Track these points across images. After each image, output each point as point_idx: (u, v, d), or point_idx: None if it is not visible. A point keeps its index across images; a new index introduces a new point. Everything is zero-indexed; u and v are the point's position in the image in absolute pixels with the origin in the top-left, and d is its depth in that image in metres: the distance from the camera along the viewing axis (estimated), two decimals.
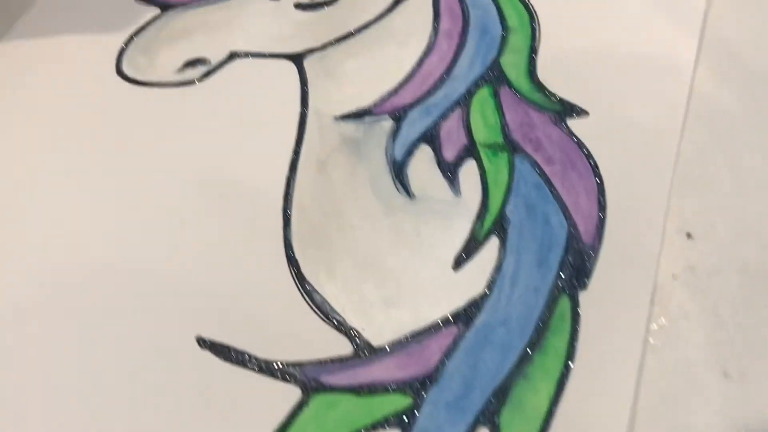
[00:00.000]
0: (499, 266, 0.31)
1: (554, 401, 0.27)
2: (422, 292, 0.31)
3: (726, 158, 0.35)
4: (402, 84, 0.38)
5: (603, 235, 0.32)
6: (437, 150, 0.35)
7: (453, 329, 0.29)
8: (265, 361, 0.29)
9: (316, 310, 0.30)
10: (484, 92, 0.37)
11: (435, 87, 0.38)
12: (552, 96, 0.37)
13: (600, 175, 0.34)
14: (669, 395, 0.28)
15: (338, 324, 0.30)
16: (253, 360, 0.29)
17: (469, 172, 0.35)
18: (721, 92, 0.37)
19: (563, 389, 0.28)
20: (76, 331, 0.30)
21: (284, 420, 0.27)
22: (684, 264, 0.32)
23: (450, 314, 0.30)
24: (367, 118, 0.37)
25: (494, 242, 0.32)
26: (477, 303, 0.30)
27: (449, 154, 0.35)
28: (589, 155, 0.35)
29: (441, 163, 0.35)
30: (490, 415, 0.27)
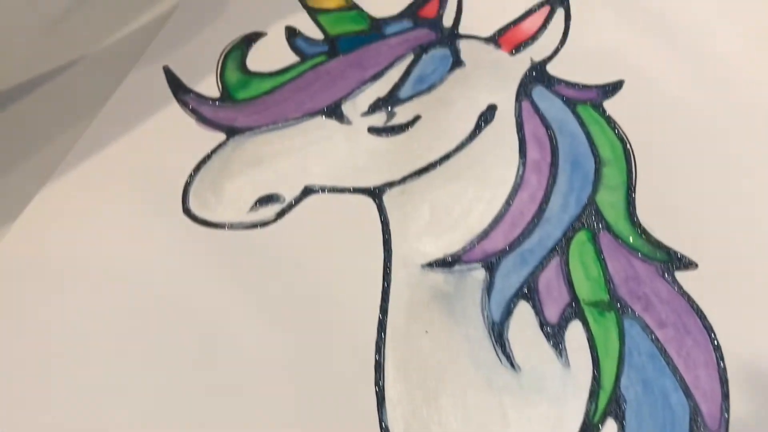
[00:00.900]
0: None
1: None
2: None
3: None
4: (492, 226, 0.35)
5: (729, 422, 0.29)
6: (538, 309, 0.33)
7: None
8: None
9: None
10: (582, 237, 0.35)
11: (528, 230, 0.35)
12: (656, 243, 0.34)
13: (717, 342, 0.31)
14: None
15: None
16: None
17: (575, 334, 0.32)
18: None
19: None
20: None
21: None
22: None
23: None
24: (457, 267, 0.34)
25: (611, 426, 0.29)
26: None
27: (552, 315, 0.32)
28: (703, 316, 0.32)
29: (544, 326, 0.32)
30: None
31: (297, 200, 0.37)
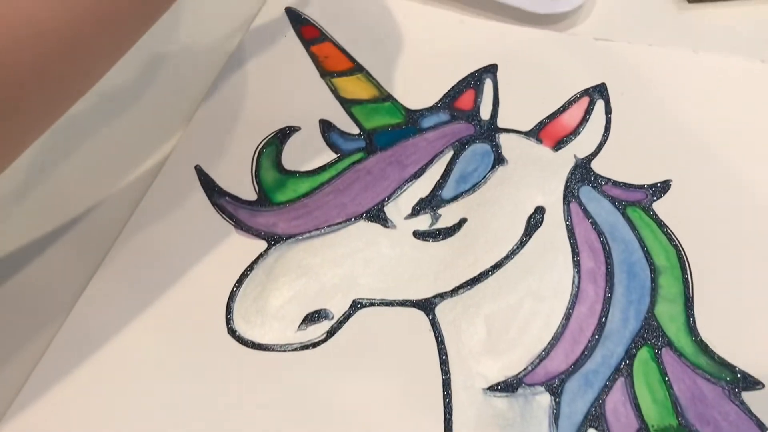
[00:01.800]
0: None
1: None
2: None
3: None
4: (552, 344, 0.34)
5: None
6: None
7: None
8: None
9: None
10: (645, 354, 0.34)
11: (589, 347, 0.34)
12: (720, 361, 0.33)
13: None
14: None
15: None
16: None
17: None
18: None
19: None
20: None
21: None
22: None
23: None
24: (521, 390, 0.33)
25: None
26: None
27: None
28: None
29: None
30: None
31: (346, 316, 0.35)
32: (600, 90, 0.43)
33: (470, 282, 0.36)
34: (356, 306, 0.35)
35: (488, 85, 0.43)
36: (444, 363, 0.34)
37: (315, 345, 0.34)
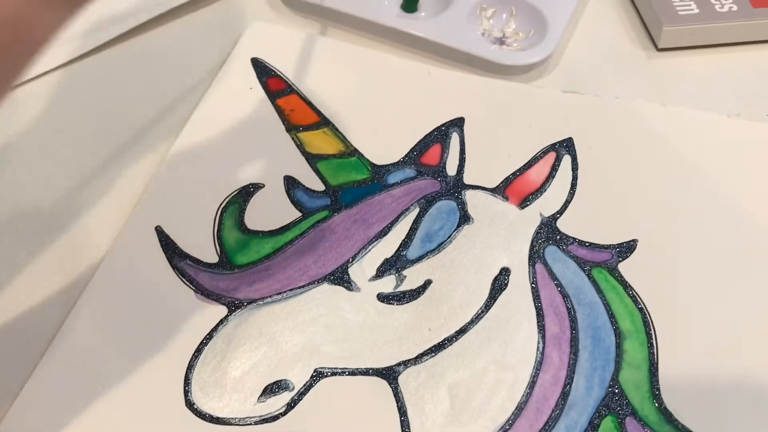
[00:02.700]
0: None
1: None
2: None
3: None
4: (516, 414, 0.34)
5: None
6: None
7: None
8: None
9: None
10: (609, 424, 0.34)
11: (553, 417, 0.34)
12: (684, 430, 0.33)
13: None
14: None
15: None
16: None
17: None
18: None
19: None
20: None
21: None
22: None
23: None
24: None
25: None
26: None
27: None
28: None
29: None
30: None
31: (307, 387, 0.34)
32: (567, 145, 0.43)
33: (434, 348, 0.36)
34: (318, 375, 0.35)
35: (455, 140, 0.43)
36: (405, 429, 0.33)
37: (275, 418, 0.33)
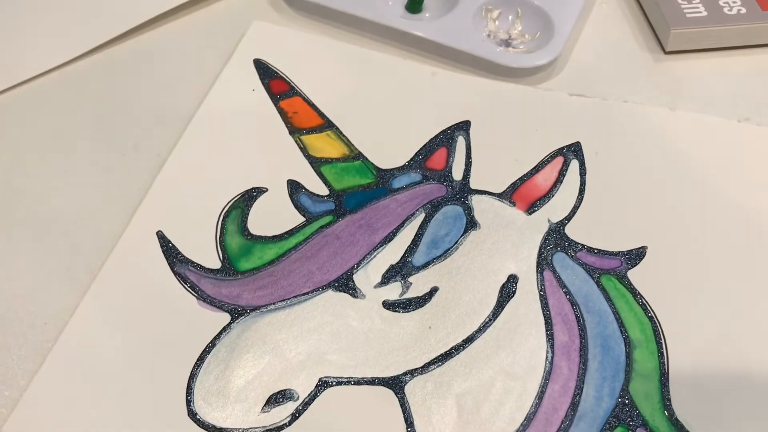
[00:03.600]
0: None
1: None
2: None
3: None
4: (525, 425, 0.33)
5: None
6: None
7: None
8: None
9: None
10: None
11: (562, 429, 0.33)
12: None
13: None
14: None
15: None
16: None
17: None
18: None
19: None
20: None
21: None
22: None
23: None
24: None
25: None
26: None
27: None
28: None
29: None
30: None
31: (312, 396, 0.34)
32: (574, 149, 0.42)
33: (441, 357, 0.35)
34: (323, 385, 0.34)
35: (461, 144, 0.43)
36: None
37: (279, 429, 0.33)
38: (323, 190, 0.41)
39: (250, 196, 0.40)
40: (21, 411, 0.33)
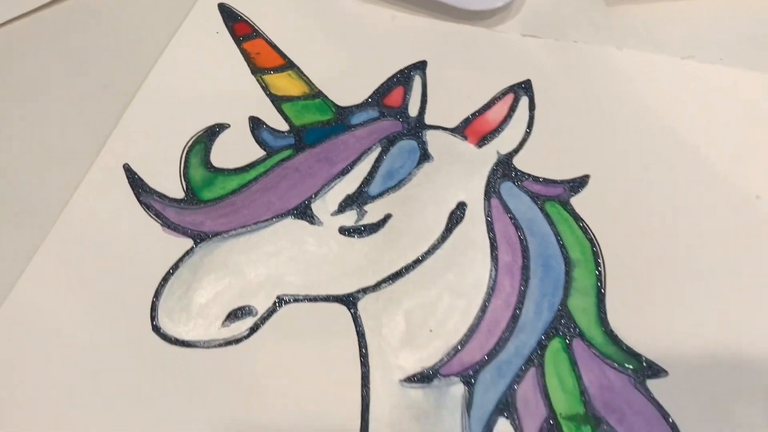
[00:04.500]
0: None
1: None
2: None
3: None
4: (468, 336, 0.35)
5: None
6: (517, 426, 0.33)
7: None
8: None
9: None
10: (556, 345, 0.35)
11: (503, 338, 0.35)
12: (628, 350, 0.35)
13: None
14: None
15: None
16: None
17: None
18: None
19: None
20: None
21: None
22: None
23: None
24: (436, 382, 0.34)
25: None
26: None
27: (531, 431, 0.33)
28: (675, 427, 0.33)
29: None
30: None
31: (270, 312, 0.36)
32: (525, 87, 0.44)
33: (392, 277, 0.37)
34: (280, 302, 0.36)
35: (417, 82, 0.44)
36: (364, 356, 0.35)
37: (238, 341, 0.35)
38: (284, 127, 0.43)
39: (213, 132, 0.42)
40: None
